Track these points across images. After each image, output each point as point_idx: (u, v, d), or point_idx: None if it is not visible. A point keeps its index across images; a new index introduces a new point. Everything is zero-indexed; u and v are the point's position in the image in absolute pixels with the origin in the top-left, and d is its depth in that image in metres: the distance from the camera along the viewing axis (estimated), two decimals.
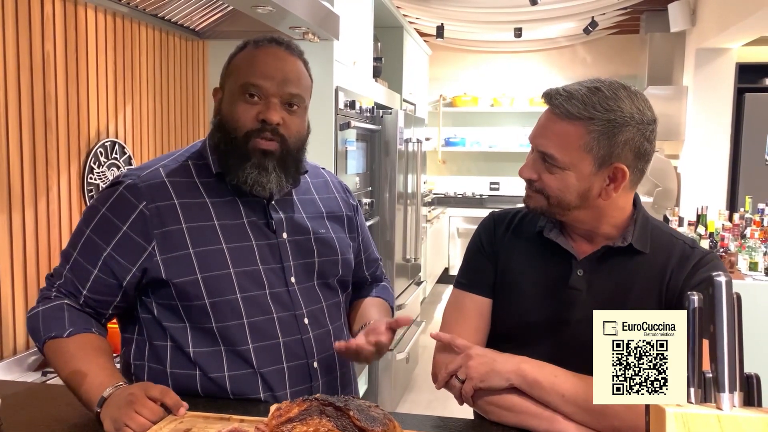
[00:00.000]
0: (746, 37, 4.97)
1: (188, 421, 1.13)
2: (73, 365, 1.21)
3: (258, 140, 1.29)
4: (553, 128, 1.18)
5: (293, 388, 1.32)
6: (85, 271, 1.28)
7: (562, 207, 1.21)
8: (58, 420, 1.21)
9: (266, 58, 1.31)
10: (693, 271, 1.19)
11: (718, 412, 0.73)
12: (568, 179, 1.18)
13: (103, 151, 2.26)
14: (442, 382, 1.24)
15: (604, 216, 1.23)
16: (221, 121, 1.33)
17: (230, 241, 1.31)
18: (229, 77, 1.34)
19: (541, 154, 1.20)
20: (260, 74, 1.29)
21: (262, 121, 1.29)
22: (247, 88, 1.29)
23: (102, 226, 1.29)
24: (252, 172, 1.29)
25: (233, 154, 1.31)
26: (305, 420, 0.93)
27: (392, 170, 3.81)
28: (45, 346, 1.26)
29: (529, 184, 1.24)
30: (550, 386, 1.13)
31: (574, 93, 1.16)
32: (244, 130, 1.30)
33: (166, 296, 1.29)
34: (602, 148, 1.15)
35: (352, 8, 3.38)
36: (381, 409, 0.98)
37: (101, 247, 1.28)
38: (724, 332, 0.73)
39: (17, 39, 1.89)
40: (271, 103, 1.29)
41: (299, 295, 1.36)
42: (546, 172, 1.20)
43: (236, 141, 1.30)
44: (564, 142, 1.16)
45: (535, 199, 1.24)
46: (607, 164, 1.17)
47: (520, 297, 1.29)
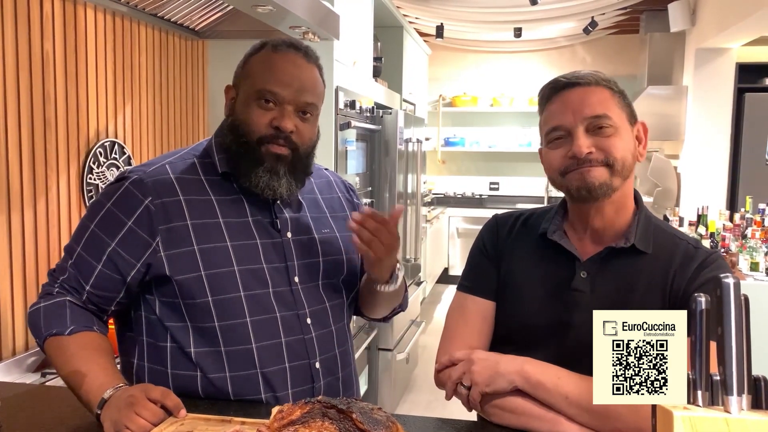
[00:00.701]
0: (746, 36, 4.97)
1: (189, 423, 1.12)
2: (73, 365, 1.21)
3: (271, 146, 1.30)
4: (591, 95, 1.22)
5: (295, 389, 1.31)
6: (88, 266, 1.28)
7: (623, 174, 1.21)
8: (57, 422, 1.20)
9: (284, 65, 1.31)
10: (697, 272, 1.19)
11: (726, 415, 0.72)
12: (624, 136, 1.22)
13: (103, 151, 2.25)
14: (450, 392, 1.23)
15: (623, 207, 1.25)
16: (234, 123, 1.33)
17: (235, 239, 1.31)
18: (245, 79, 1.33)
19: (591, 121, 1.20)
20: (277, 81, 1.29)
21: (276, 128, 1.29)
22: (263, 94, 1.29)
23: (107, 221, 1.28)
24: (264, 176, 1.30)
25: (245, 158, 1.31)
26: (307, 423, 0.93)
27: (392, 170, 3.80)
28: (45, 343, 1.25)
29: (586, 161, 1.20)
30: (553, 387, 1.13)
31: (577, 72, 1.26)
32: (258, 136, 1.30)
33: (168, 294, 1.28)
34: (626, 105, 1.24)
35: (352, 8, 3.37)
36: (384, 411, 0.97)
37: (106, 243, 1.27)
38: (732, 334, 0.72)
39: (16, 38, 1.88)
40: (285, 110, 1.30)
41: (302, 295, 1.35)
42: (602, 138, 1.20)
43: (249, 145, 1.30)
44: (606, 102, 1.22)
45: (598, 173, 1.20)
46: (634, 121, 1.26)
47: (524, 299, 1.28)
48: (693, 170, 5.54)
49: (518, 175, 7.46)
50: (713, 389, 0.77)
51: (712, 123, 5.44)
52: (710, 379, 0.77)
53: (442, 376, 1.26)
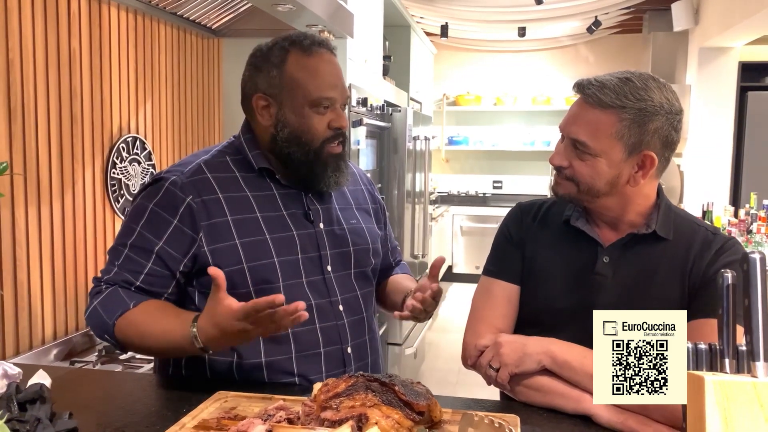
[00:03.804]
0: (749, 36, 5.02)
1: (232, 400, 1.18)
2: (152, 327, 1.27)
3: (331, 146, 1.38)
4: (585, 116, 1.23)
5: (328, 373, 1.37)
6: (138, 265, 1.32)
7: (591, 194, 1.25)
8: (105, 401, 1.26)
9: (324, 67, 1.36)
10: (715, 257, 1.24)
11: (753, 379, 0.77)
12: (599, 166, 1.22)
13: (125, 146, 2.30)
14: (474, 358, 1.28)
15: (630, 203, 1.27)
16: (291, 133, 1.36)
17: (273, 232, 1.37)
18: (288, 90, 1.36)
19: (572, 141, 1.24)
20: (327, 86, 1.36)
21: (336, 129, 1.37)
22: (320, 101, 1.35)
23: (152, 221, 1.33)
24: (332, 176, 1.39)
25: (314, 164, 1.38)
26: (352, 395, 0.98)
27: (401, 167, 3.85)
28: (116, 327, 1.28)
29: (559, 172, 1.29)
30: (579, 366, 1.18)
31: (606, 83, 1.21)
32: (321, 140, 1.37)
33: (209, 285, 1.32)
34: (633, 135, 1.20)
35: (363, 6, 3.42)
36: (423, 385, 1.02)
37: (153, 242, 1.32)
38: (759, 303, 0.77)
39: (46, 36, 1.93)
40: (338, 111, 1.38)
41: (335, 283, 1.41)
42: (577, 159, 1.24)
43: (315, 152, 1.37)
44: (596, 129, 1.21)
45: (564, 186, 1.28)
46: (637, 152, 1.22)
47: (548, 283, 1.34)
48: (696, 168, 5.59)
49: (522, 174, 7.51)
50: (739, 359, 0.82)
51: (715, 122, 5.49)
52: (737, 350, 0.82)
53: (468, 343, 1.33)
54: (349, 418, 0.94)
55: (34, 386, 1.09)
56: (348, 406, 0.96)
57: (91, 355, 2.00)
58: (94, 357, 1.98)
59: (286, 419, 1.02)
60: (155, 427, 1.10)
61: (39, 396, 1.08)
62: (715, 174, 5.50)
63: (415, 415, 0.97)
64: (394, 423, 0.94)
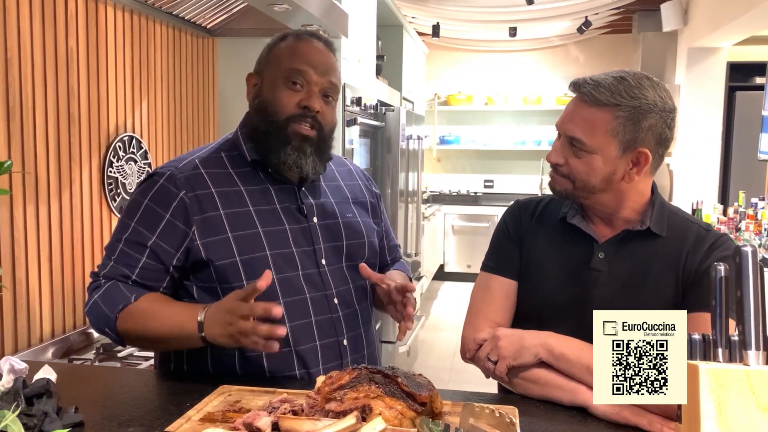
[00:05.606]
0: (737, 36, 5.08)
1: (236, 394, 1.20)
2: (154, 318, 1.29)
3: (298, 125, 1.38)
4: (581, 114, 1.26)
5: (326, 365, 1.39)
6: (133, 259, 1.35)
7: (586, 190, 1.28)
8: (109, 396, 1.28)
9: (309, 49, 1.40)
10: (708, 252, 1.27)
11: (745, 367, 0.80)
12: (594, 163, 1.26)
13: (122, 145, 2.31)
14: (473, 351, 1.32)
15: (625, 200, 1.30)
16: (262, 104, 1.41)
17: (265, 226, 1.39)
18: (269, 64, 1.42)
19: (568, 139, 1.27)
20: (305, 62, 1.38)
21: (304, 108, 1.37)
22: (292, 74, 1.37)
23: (146, 216, 1.36)
24: (292, 154, 1.38)
25: (273, 137, 1.38)
26: (356, 387, 1.00)
27: (394, 167, 3.87)
28: (118, 321, 1.30)
29: (555, 169, 1.32)
30: (576, 359, 1.21)
31: (601, 81, 1.24)
32: (286, 115, 1.38)
33: (206, 279, 1.36)
34: (628, 132, 1.23)
35: (356, 6, 3.44)
36: (424, 377, 1.05)
37: (147, 237, 1.34)
38: (750, 295, 0.80)
39: (43, 35, 1.94)
40: (312, 91, 1.38)
41: (329, 276, 1.43)
42: (573, 157, 1.27)
43: (277, 125, 1.38)
44: (592, 127, 1.24)
45: (560, 182, 1.31)
46: (632, 149, 1.25)
47: (545, 279, 1.37)
48: (685, 167, 5.65)
49: (513, 173, 7.55)
50: (731, 349, 0.85)
51: (704, 121, 5.55)
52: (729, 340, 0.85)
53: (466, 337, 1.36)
54: (354, 409, 0.97)
55: (41, 381, 1.11)
56: (352, 398, 0.99)
57: (89, 353, 2.01)
58: (92, 355, 1.99)
59: (290, 411, 1.04)
60: (160, 420, 1.12)
61: (45, 390, 1.09)
62: (703, 173, 5.56)
63: (417, 405, 1.00)
64: (398, 413, 0.96)
